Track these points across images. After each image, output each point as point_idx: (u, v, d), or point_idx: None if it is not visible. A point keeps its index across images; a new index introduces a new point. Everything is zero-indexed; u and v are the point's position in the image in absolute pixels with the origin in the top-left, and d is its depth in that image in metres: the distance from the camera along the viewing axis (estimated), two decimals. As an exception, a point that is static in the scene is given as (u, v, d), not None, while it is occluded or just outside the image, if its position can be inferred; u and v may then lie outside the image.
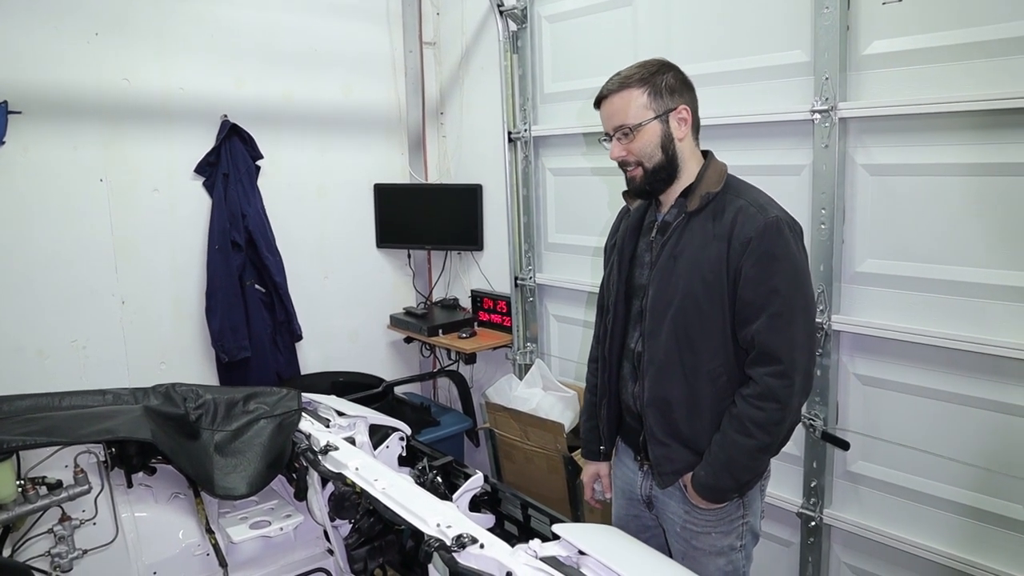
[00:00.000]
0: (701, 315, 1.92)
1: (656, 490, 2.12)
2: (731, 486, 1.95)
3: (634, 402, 2.09)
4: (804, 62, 2.63)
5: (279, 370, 3.89)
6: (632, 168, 1.98)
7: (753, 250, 1.84)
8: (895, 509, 2.62)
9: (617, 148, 1.98)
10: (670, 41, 3.06)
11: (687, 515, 2.05)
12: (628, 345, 2.12)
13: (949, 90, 2.29)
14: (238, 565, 2.44)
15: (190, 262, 3.68)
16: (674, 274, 1.94)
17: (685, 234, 1.95)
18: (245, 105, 3.74)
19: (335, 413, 2.57)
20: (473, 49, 4.21)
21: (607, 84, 1.98)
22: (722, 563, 2.05)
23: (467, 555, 1.64)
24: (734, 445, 1.89)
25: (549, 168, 3.81)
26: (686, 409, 1.97)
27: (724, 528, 2.03)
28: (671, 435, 2.00)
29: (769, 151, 2.78)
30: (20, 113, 3.13)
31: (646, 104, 1.92)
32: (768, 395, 1.85)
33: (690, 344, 1.94)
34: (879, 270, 2.55)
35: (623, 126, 1.94)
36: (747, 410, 1.88)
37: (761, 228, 1.84)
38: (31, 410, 2.27)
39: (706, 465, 1.95)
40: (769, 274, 1.84)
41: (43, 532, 2.21)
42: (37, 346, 3.30)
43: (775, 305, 1.84)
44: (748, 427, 1.87)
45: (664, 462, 2.02)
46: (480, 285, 4.35)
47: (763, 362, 1.87)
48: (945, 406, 2.45)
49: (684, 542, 2.07)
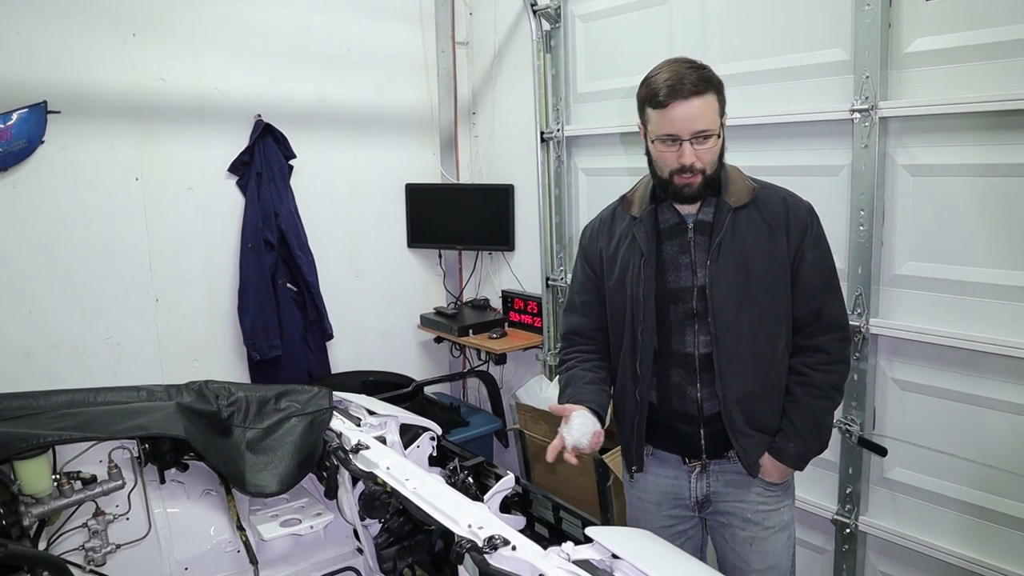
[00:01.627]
0: (773, 304, 1.97)
1: (717, 486, 2.10)
2: (819, 448, 2.05)
3: (699, 406, 2.03)
4: (844, 60, 2.58)
5: (310, 369, 3.91)
6: (691, 175, 1.89)
7: (810, 234, 1.97)
8: (933, 517, 2.56)
9: (690, 154, 1.86)
10: (706, 40, 3.02)
11: (760, 496, 2.07)
12: (677, 350, 2.04)
13: (994, 88, 2.24)
14: (268, 562, 2.45)
15: (223, 261, 3.71)
16: (739, 270, 1.94)
17: (736, 230, 1.95)
18: (278, 105, 3.76)
19: (366, 412, 2.57)
20: (506, 49, 4.20)
21: (681, 80, 1.82)
22: (785, 537, 2.11)
23: (499, 557, 1.62)
24: (818, 410, 2.01)
25: (582, 168, 3.79)
26: (768, 398, 2.02)
27: (788, 501, 2.12)
28: (754, 426, 2.01)
29: (807, 151, 2.74)
30: (59, 113, 3.18)
31: (718, 110, 1.88)
32: (840, 358, 2.02)
33: (765, 334, 1.98)
34: (919, 273, 2.49)
35: (705, 132, 1.85)
36: (823, 377, 1.99)
37: (809, 214, 1.99)
38: (67, 405, 2.30)
39: (793, 436, 2.00)
40: (824, 254, 2.00)
41: (77, 526, 2.24)
42: (73, 343, 3.35)
43: (833, 280, 2.01)
44: (827, 391, 2.00)
45: (753, 452, 2.02)
46: (511, 285, 4.34)
47: (831, 331, 2.00)
48: (987, 413, 2.39)
49: (755, 526, 2.07)
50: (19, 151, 3.10)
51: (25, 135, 3.11)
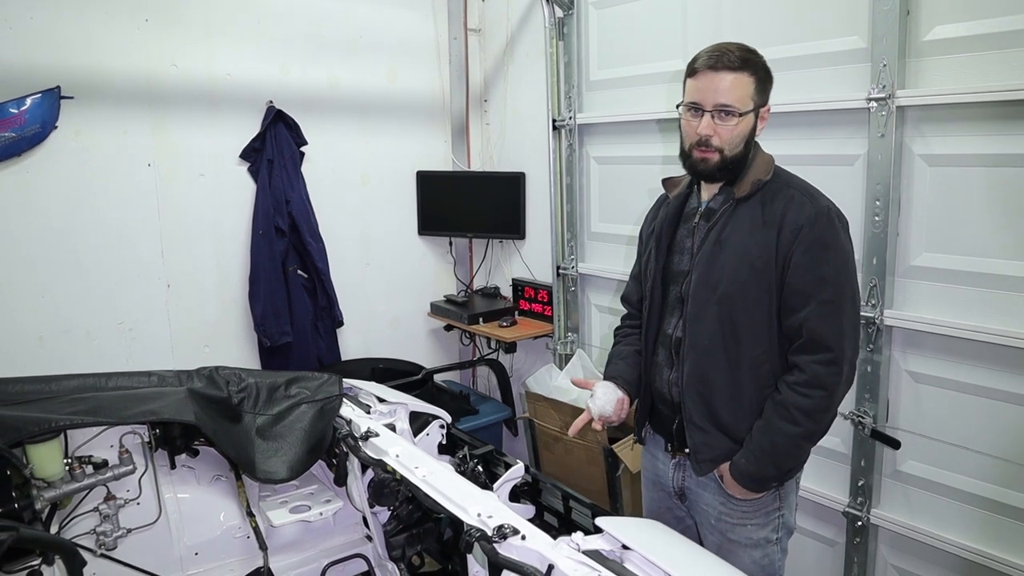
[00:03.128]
0: (747, 301, 1.89)
1: (689, 481, 2.09)
2: (773, 474, 1.92)
3: (669, 389, 2.05)
4: (861, 48, 2.55)
5: (320, 355, 3.91)
6: (709, 151, 1.87)
7: (804, 238, 1.82)
8: (946, 511, 2.54)
9: (708, 125, 1.85)
10: (720, 27, 2.99)
11: (722, 506, 2.02)
12: (664, 331, 2.07)
13: (1014, 77, 2.20)
14: (278, 548, 2.46)
15: (234, 247, 3.71)
16: (719, 260, 1.91)
17: (732, 221, 1.91)
18: (290, 91, 3.75)
19: (375, 399, 2.57)
20: (518, 36, 4.17)
21: (721, 55, 1.83)
22: (757, 556, 2.02)
23: (508, 546, 1.62)
24: (779, 432, 1.87)
25: (593, 156, 3.76)
26: (727, 395, 1.94)
27: (760, 520, 2.01)
28: (711, 422, 1.96)
29: (822, 140, 2.71)
30: (72, 98, 3.17)
31: (752, 94, 1.86)
32: (816, 383, 1.83)
33: (734, 330, 1.91)
34: (935, 264, 2.47)
35: (729, 107, 1.83)
36: (793, 398, 1.85)
37: (812, 216, 1.83)
38: (78, 390, 2.31)
39: (747, 452, 1.92)
40: (819, 262, 1.82)
41: (89, 510, 2.25)
42: (85, 327, 3.36)
43: (825, 293, 1.82)
44: (794, 415, 1.84)
45: (703, 449, 1.98)
46: (521, 274, 4.33)
47: (811, 350, 1.84)
48: (1002, 406, 2.37)
49: (719, 534, 2.04)
50: (32, 136, 3.10)
51: (39, 120, 3.11)
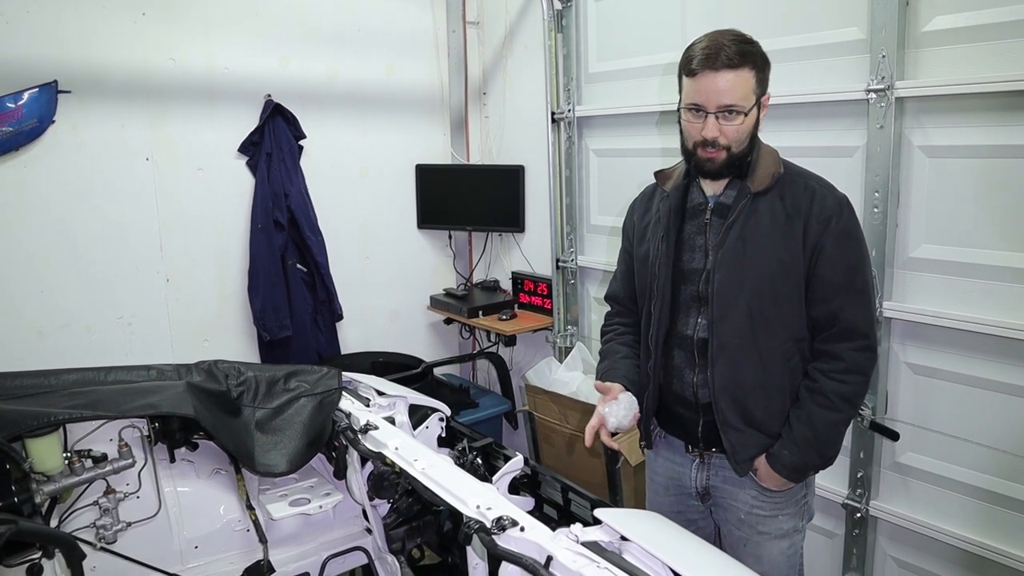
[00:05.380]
0: (778, 296, 1.89)
1: (715, 480, 2.07)
2: (817, 462, 1.95)
3: (694, 392, 2.01)
4: (860, 39, 2.54)
5: (319, 349, 3.91)
6: (715, 150, 1.85)
7: (833, 228, 1.84)
8: (945, 502, 2.55)
9: (714, 128, 1.82)
10: (719, 19, 2.98)
11: (755, 500, 2.01)
12: (680, 332, 2.03)
13: (1014, 68, 2.19)
14: (278, 541, 2.46)
15: (233, 241, 3.71)
16: (745, 256, 1.89)
17: (753, 216, 1.89)
18: (289, 85, 3.75)
19: (375, 392, 2.57)
20: (517, 28, 4.16)
21: (718, 52, 1.77)
22: (785, 546, 2.04)
23: (507, 538, 1.62)
24: (821, 420, 1.89)
25: (593, 149, 3.76)
26: (762, 393, 1.94)
27: (791, 510, 2.03)
28: (744, 421, 1.95)
29: (821, 132, 2.70)
30: (69, 93, 3.17)
31: (754, 88, 1.82)
32: (855, 368, 1.88)
33: (766, 326, 1.91)
34: (934, 255, 2.46)
35: (734, 107, 1.80)
36: (833, 385, 1.88)
37: (838, 207, 1.86)
38: (78, 384, 2.31)
39: (788, 444, 1.92)
40: (848, 251, 1.86)
41: (88, 504, 2.24)
42: (85, 321, 3.36)
43: (856, 282, 1.87)
44: (835, 402, 1.88)
45: (741, 449, 1.96)
46: (521, 267, 4.33)
47: (848, 338, 1.88)
48: (1001, 397, 2.37)
49: (749, 528, 2.04)
50: (30, 131, 3.10)
51: (36, 115, 3.10)
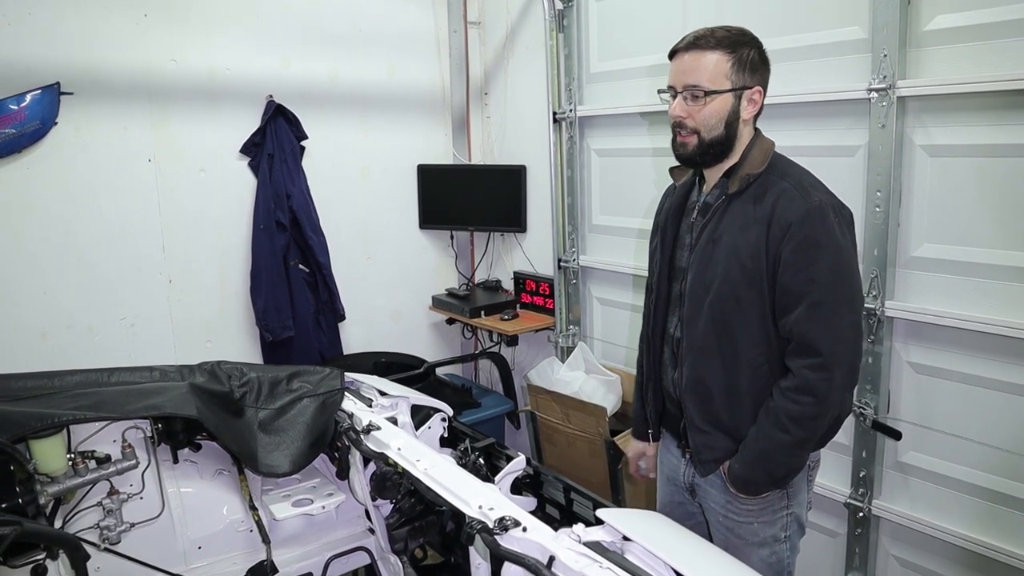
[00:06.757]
0: (739, 302, 1.84)
1: (698, 478, 2.08)
2: (764, 480, 1.89)
3: (674, 389, 2.05)
4: (861, 39, 2.54)
5: (322, 349, 3.92)
6: (686, 134, 1.86)
7: (793, 235, 1.75)
8: (947, 502, 2.55)
9: (680, 107, 1.84)
10: (721, 18, 2.92)
11: (728, 504, 2.00)
12: (668, 330, 2.07)
13: (1015, 67, 2.19)
14: (281, 542, 2.46)
15: (235, 242, 3.72)
16: (712, 258, 1.88)
17: (725, 217, 1.88)
18: (290, 85, 3.75)
19: (377, 393, 2.57)
20: (518, 28, 4.16)
21: (692, 36, 1.83)
22: (765, 554, 2.00)
23: (509, 538, 1.62)
24: (768, 439, 1.83)
25: (594, 149, 3.76)
26: (726, 396, 1.91)
27: (767, 518, 1.98)
28: (711, 422, 1.95)
29: (823, 131, 2.70)
30: (72, 94, 3.18)
31: (727, 73, 1.81)
32: (805, 388, 1.78)
33: (728, 331, 1.87)
34: (936, 255, 2.46)
35: (696, 87, 1.81)
36: (783, 404, 1.81)
37: (802, 213, 1.75)
38: (81, 385, 2.32)
39: (740, 457, 1.90)
40: (809, 262, 1.75)
41: (92, 505, 2.25)
42: (88, 323, 3.36)
43: (815, 294, 1.75)
44: (783, 421, 1.80)
45: (704, 450, 1.97)
46: (523, 267, 4.33)
47: (802, 353, 1.79)
48: (1004, 397, 2.36)
49: (726, 531, 2.03)
50: (33, 132, 3.10)
51: (39, 116, 3.11)
